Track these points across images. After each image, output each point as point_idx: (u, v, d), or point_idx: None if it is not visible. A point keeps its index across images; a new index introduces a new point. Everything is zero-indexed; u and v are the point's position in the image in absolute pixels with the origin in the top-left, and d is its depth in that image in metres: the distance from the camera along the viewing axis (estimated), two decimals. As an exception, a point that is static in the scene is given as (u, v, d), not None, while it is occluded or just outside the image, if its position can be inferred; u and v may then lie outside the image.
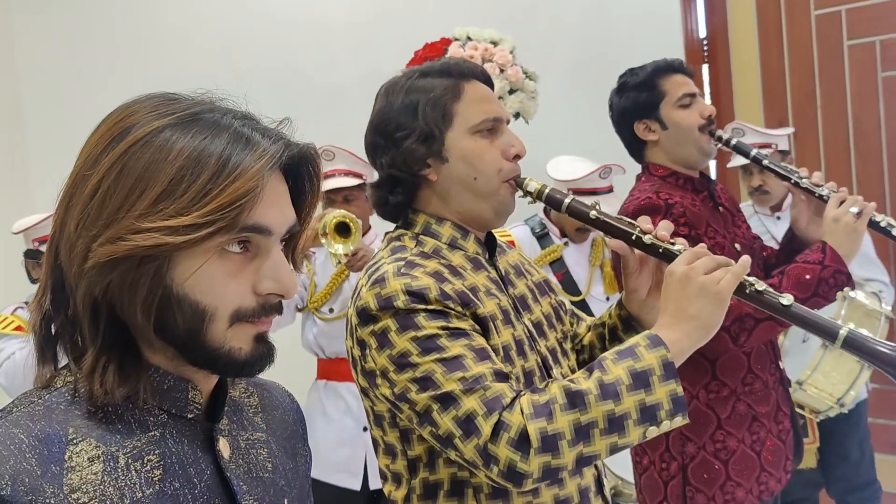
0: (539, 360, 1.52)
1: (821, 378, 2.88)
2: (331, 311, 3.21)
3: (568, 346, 1.66)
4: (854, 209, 2.00)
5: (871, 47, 3.76)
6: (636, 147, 2.36)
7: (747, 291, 1.42)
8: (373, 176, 3.15)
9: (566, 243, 3.35)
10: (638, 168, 2.40)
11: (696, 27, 4.22)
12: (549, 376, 1.52)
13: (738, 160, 3.41)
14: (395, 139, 1.50)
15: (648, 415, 1.31)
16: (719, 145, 2.24)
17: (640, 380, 1.31)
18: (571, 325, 1.73)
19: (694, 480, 2.16)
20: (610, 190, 3.33)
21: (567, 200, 1.55)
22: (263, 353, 0.90)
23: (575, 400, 1.30)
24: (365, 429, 3.13)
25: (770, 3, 3.99)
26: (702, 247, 1.45)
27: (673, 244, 1.48)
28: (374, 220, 3.36)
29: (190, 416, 0.90)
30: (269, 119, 0.91)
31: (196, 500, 0.87)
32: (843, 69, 3.83)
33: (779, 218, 3.45)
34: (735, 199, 2.45)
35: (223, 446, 0.92)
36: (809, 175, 2.16)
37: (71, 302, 0.85)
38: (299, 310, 3.26)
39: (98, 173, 0.83)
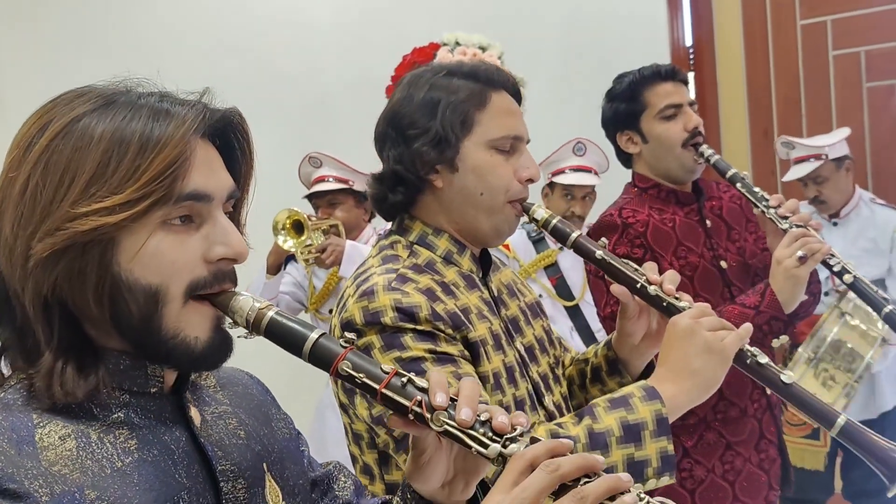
0: (531, 387, 1.44)
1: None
2: (330, 311, 3.23)
3: (560, 371, 1.58)
4: (800, 253, 1.87)
5: (856, 58, 3.78)
6: (623, 157, 2.31)
7: (748, 362, 1.34)
8: (360, 182, 3.18)
9: (561, 248, 3.37)
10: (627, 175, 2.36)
11: (682, 35, 4.23)
12: (541, 404, 1.44)
13: (792, 174, 3.40)
14: (407, 136, 1.41)
15: (635, 471, 1.26)
16: (701, 161, 2.13)
17: (632, 433, 1.26)
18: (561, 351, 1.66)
19: None
20: (591, 171, 3.33)
21: (574, 235, 1.46)
22: (219, 341, 0.88)
23: (534, 437, 1.25)
24: None
25: (756, 12, 4.00)
26: (706, 306, 1.38)
27: (678, 300, 1.40)
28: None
29: (153, 390, 0.88)
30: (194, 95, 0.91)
31: (177, 465, 0.86)
32: (829, 79, 3.85)
33: (835, 224, 3.40)
34: (742, 209, 2.30)
35: (194, 414, 0.92)
36: (780, 203, 2.01)
37: (18, 310, 0.84)
38: (306, 311, 3.30)
39: (24, 172, 0.83)
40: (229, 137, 0.93)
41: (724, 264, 2.16)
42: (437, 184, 1.42)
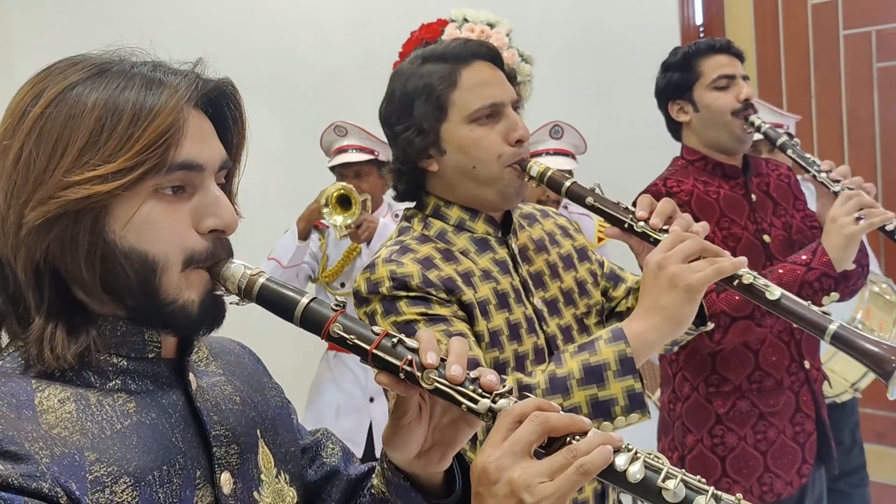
0: (542, 341, 1.50)
1: (841, 362, 2.87)
2: (342, 285, 3.26)
3: (592, 320, 1.61)
4: (857, 214, 1.86)
5: (866, 37, 3.76)
6: (673, 128, 2.32)
7: (735, 283, 1.36)
8: (385, 152, 3.18)
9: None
10: (676, 149, 2.35)
11: (692, 14, 4.22)
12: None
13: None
14: (396, 132, 1.53)
15: (601, 410, 1.30)
16: (750, 130, 2.13)
17: (593, 374, 1.31)
18: (607, 289, 1.69)
19: (690, 473, 2.12)
20: (567, 154, 3.34)
21: (567, 183, 1.53)
22: (212, 304, 0.89)
23: (523, 394, 1.30)
24: (371, 399, 3.19)
25: (767, -9, 3.98)
26: (679, 233, 1.37)
27: (665, 230, 1.43)
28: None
29: (151, 355, 0.89)
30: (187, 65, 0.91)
31: (174, 428, 0.87)
32: (839, 58, 3.83)
33: None
34: (790, 188, 2.30)
35: (192, 378, 0.93)
36: (832, 168, 2.01)
37: (10, 278, 0.84)
38: (312, 281, 3.30)
39: (18, 140, 0.83)
40: (222, 107, 0.93)
41: (766, 238, 2.17)
42: (433, 168, 1.53)
